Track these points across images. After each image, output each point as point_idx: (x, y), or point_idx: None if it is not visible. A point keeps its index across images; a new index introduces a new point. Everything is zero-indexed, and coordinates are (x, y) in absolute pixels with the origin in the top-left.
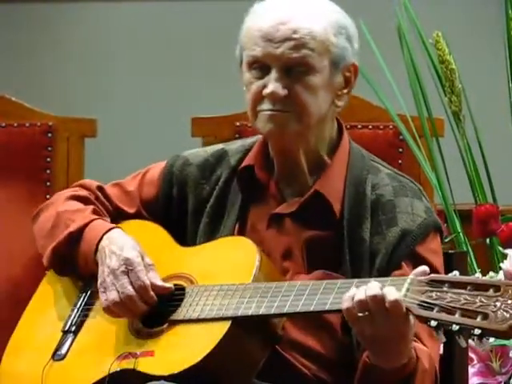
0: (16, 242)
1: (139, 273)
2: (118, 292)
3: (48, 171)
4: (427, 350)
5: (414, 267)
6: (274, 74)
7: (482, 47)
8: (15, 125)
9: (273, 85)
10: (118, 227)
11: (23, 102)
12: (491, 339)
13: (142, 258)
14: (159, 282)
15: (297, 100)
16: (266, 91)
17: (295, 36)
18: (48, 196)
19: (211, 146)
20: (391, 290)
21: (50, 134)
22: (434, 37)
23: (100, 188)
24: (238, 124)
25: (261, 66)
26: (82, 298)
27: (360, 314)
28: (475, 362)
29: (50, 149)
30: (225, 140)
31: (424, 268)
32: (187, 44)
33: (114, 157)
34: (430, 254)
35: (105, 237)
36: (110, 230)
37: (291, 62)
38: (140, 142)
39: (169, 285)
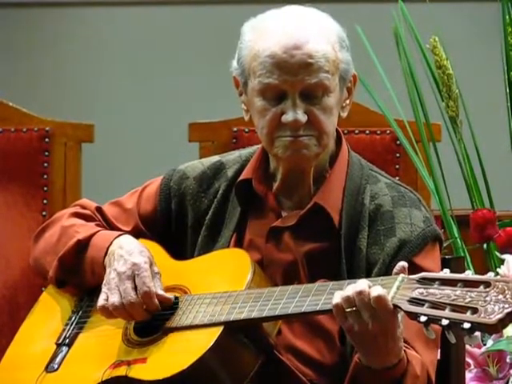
0: (13, 247)
1: (145, 279)
2: (121, 296)
3: (45, 176)
4: (420, 358)
5: None
6: (291, 101)
7: (479, 52)
8: (12, 130)
9: (293, 112)
10: (127, 234)
11: (20, 107)
12: (489, 344)
13: (150, 265)
14: (160, 292)
15: (317, 124)
16: (288, 119)
17: (311, 61)
18: (45, 201)
19: (207, 158)
20: (377, 287)
21: (47, 139)
22: (431, 42)
23: (98, 209)
24: (234, 129)
25: (275, 93)
26: (76, 313)
27: (347, 310)
28: (472, 367)
29: (47, 154)
30: (222, 145)
31: (402, 263)
32: (185, 49)
33: (111, 162)
34: (428, 264)
35: (114, 242)
36: (119, 235)
37: (309, 88)
38: (137, 148)
39: (169, 296)
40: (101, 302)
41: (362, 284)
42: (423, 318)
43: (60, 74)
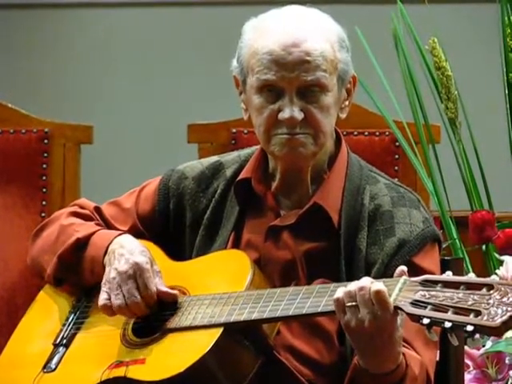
0: (12, 249)
1: (147, 280)
2: (125, 297)
3: (44, 178)
4: (419, 358)
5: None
6: (288, 98)
7: (478, 54)
8: (11, 131)
9: (290, 109)
10: (127, 233)
11: (19, 109)
12: (488, 345)
13: (151, 265)
14: (164, 288)
15: (313, 122)
16: (284, 116)
17: (308, 58)
18: (44, 203)
19: (206, 158)
20: (379, 283)
21: (46, 141)
22: (430, 43)
23: (97, 209)
24: (233, 131)
25: (273, 90)
26: (74, 313)
27: (347, 305)
28: (471, 368)
29: (46, 155)
30: (221, 146)
31: (402, 267)
32: (184, 51)
33: (110, 163)
34: (427, 264)
35: (115, 241)
36: (119, 235)
37: (306, 85)
38: (136, 149)
39: (173, 291)
40: (102, 301)
41: (364, 280)
42: (426, 321)
43: (59, 76)
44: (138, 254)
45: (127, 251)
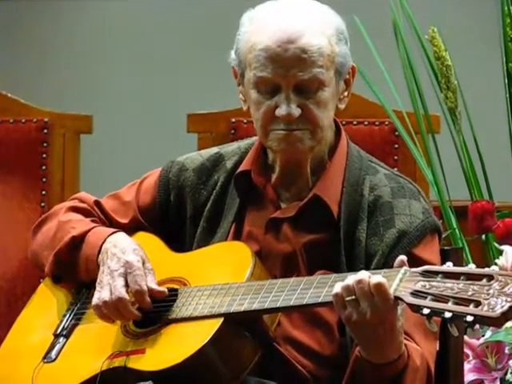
0: (11, 239)
1: (137, 277)
2: (111, 292)
3: (44, 167)
4: (420, 349)
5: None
6: (285, 94)
7: (477, 43)
8: (11, 121)
9: (286, 106)
10: (121, 231)
11: (19, 99)
12: (487, 335)
13: (143, 263)
14: (153, 286)
15: (310, 118)
16: (281, 113)
17: (304, 56)
18: (44, 192)
19: (206, 149)
20: (378, 276)
21: (45, 130)
22: (429, 33)
23: (97, 203)
24: (233, 120)
25: (269, 86)
26: (74, 305)
27: (347, 299)
28: (471, 358)
29: (45, 145)
30: (220, 136)
31: (402, 257)
32: (183, 40)
33: (109, 153)
34: (427, 255)
35: (108, 239)
36: (113, 233)
37: (303, 82)
38: (135, 139)
39: (162, 289)
40: (94, 300)
41: (362, 273)
42: (426, 311)
43: (59, 65)
44: (129, 252)
45: (120, 250)
